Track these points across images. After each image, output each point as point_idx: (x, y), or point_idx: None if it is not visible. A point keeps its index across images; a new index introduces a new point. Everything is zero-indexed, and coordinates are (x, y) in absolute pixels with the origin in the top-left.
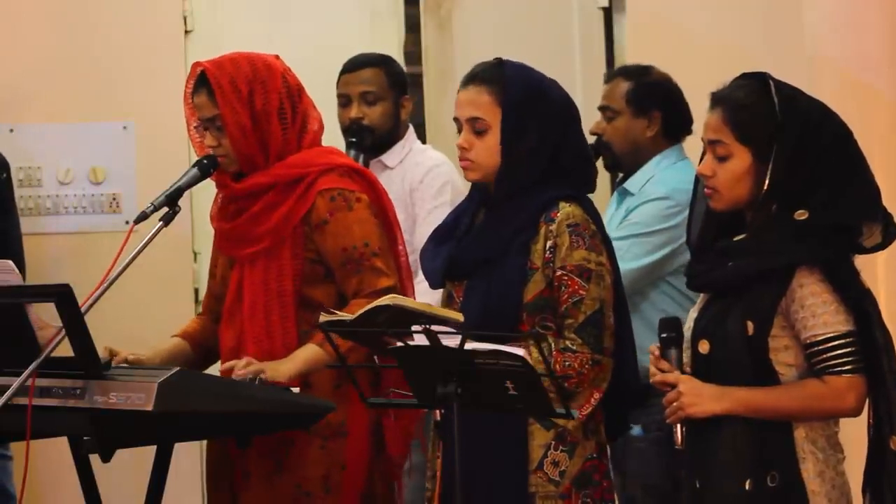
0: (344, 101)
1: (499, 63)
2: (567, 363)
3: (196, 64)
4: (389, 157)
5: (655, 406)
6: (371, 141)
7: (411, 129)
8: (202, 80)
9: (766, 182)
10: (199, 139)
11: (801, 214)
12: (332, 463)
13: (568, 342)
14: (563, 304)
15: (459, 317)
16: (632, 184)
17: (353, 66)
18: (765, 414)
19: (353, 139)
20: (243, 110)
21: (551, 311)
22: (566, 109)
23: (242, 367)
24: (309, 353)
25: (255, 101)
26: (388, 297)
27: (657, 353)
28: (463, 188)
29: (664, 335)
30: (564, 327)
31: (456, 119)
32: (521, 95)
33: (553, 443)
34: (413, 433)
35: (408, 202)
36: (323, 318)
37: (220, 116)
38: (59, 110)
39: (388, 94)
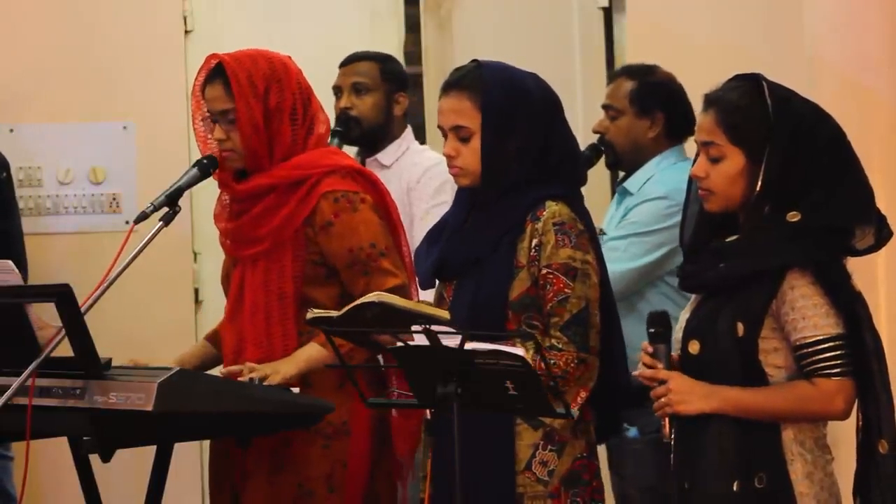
0: (337, 92)
1: (476, 66)
2: (553, 361)
3: (211, 56)
4: (385, 156)
5: (652, 407)
6: (359, 133)
7: (409, 129)
8: (217, 73)
9: (759, 183)
10: (204, 133)
11: (794, 216)
12: (334, 462)
13: (554, 340)
14: (549, 302)
15: (446, 315)
16: (631, 183)
17: (350, 59)
18: (753, 414)
19: (339, 128)
20: (258, 106)
21: (537, 310)
22: (549, 105)
23: (246, 375)
24: (311, 352)
25: (269, 99)
26: (373, 294)
27: (650, 349)
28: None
29: (652, 330)
30: (550, 325)
31: (440, 127)
32: (500, 98)
33: (541, 443)
34: (420, 432)
35: (405, 201)
36: (310, 315)
37: (234, 110)
38: (59, 110)
39: (379, 87)
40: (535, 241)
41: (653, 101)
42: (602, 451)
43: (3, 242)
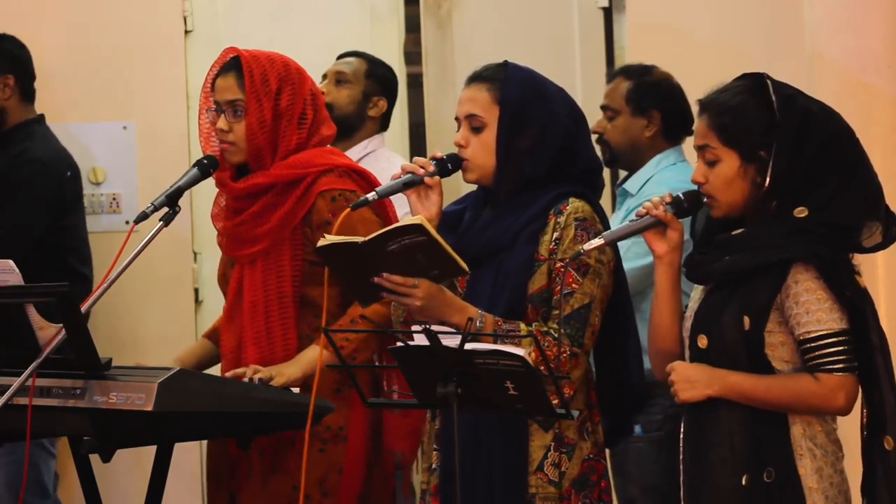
0: (322, 79)
1: (503, 64)
2: (545, 345)
3: (229, 49)
4: (349, 154)
5: (655, 406)
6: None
7: (382, 136)
8: (232, 65)
9: (767, 179)
10: (208, 129)
11: (801, 212)
12: (329, 466)
13: (551, 329)
14: (556, 294)
15: (466, 267)
16: (631, 184)
17: (345, 53)
18: (753, 401)
19: None
20: (268, 103)
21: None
22: (571, 115)
23: (250, 376)
24: (313, 354)
25: (281, 99)
26: (417, 217)
27: (668, 199)
28: None
29: (681, 196)
30: (550, 317)
31: (457, 119)
32: (518, 93)
33: (552, 444)
34: (422, 430)
35: None
36: (321, 242)
37: (243, 102)
38: (59, 110)
39: (358, 82)
40: (556, 235)
41: (649, 101)
42: None
43: (69, 236)
